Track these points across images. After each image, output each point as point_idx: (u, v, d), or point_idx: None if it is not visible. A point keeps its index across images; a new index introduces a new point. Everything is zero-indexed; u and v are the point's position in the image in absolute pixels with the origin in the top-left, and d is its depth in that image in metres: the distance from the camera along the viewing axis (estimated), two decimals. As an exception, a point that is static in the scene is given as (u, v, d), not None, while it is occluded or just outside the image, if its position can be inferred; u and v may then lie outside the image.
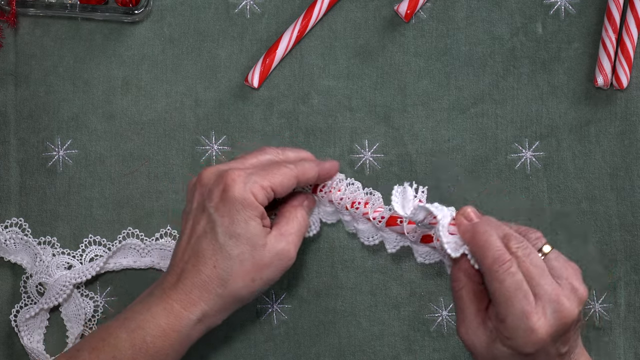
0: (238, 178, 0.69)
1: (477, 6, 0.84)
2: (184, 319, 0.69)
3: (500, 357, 0.65)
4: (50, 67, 0.84)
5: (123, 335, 0.69)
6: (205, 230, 0.69)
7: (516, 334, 0.63)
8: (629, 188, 0.83)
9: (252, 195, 0.69)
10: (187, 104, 0.84)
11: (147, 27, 0.84)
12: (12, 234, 0.81)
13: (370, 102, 0.84)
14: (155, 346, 0.68)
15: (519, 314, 0.63)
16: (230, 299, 0.70)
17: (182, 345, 0.70)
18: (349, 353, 0.83)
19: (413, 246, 0.75)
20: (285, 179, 0.71)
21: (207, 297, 0.69)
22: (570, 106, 0.84)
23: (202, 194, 0.71)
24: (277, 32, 0.84)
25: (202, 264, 0.69)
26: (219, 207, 0.69)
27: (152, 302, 0.69)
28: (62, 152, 0.84)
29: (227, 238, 0.69)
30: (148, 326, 0.68)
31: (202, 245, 0.69)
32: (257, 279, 0.70)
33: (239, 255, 0.69)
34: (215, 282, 0.69)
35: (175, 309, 0.69)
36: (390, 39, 0.84)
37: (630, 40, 0.82)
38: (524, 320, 0.63)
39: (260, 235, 0.70)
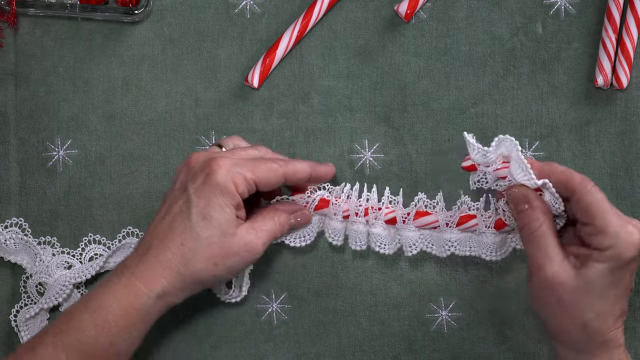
0: (223, 165, 0.71)
1: (477, 6, 0.84)
2: (144, 296, 0.70)
3: (594, 278, 0.67)
4: (50, 67, 0.84)
5: (85, 317, 0.69)
6: (181, 209, 0.71)
7: (618, 240, 0.67)
8: (629, 188, 0.83)
9: (232, 184, 0.71)
10: (187, 104, 0.84)
11: (147, 27, 0.84)
12: (12, 234, 0.81)
13: (370, 102, 0.84)
14: (118, 325, 0.69)
15: (618, 221, 0.67)
16: (190, 279, 0.71)
17: (143, 323, 0.71)
18: (349, 353, 0.83)
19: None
20: (271, 174, 0.73)
21: (169, 275, 0.70)
22: (570, 106, 0.84)
23: (187, 175, 0.73)
24: (277, 32, 0.84)
25: (170, 240, 0.70)
26: (199, 189, 0.71)
27: (113, 281, 0.70)
28: (62, 152, 0.84)
29: (200, 219, 0.70)
30: (109, 305, 0.69)
31: (174, 223, 0.71)
32: (220, 264, 0.71)
33: (208, 238, 0.70)
34: (178, 259, 0.70)
35: (136, 286, 0.70)
36: (390, 39, 0.84)
37: (630, 40, 0.82)
38: (624, 225, 0.67)
39: (232, 223, 0.71)
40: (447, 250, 0.78)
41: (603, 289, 0.68)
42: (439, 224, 0.78)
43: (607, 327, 0.68)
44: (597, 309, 0.68)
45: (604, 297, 0.68)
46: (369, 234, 0.79)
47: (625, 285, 0.69)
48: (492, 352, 0.82)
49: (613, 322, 0.69)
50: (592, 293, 0.68)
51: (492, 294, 0.83)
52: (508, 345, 0.82)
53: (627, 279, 0.68)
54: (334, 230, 0.79)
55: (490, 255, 0.77)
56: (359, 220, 0.78)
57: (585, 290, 0.68)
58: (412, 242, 0.78)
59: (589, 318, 0.68)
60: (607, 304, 0.68)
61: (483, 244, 0.77)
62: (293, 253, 0.83)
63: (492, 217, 0.77)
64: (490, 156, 0.72)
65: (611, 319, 0.68)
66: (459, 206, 0.78)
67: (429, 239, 0.79)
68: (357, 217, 0.78)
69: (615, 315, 0.69)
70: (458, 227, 0.77)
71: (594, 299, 0.68)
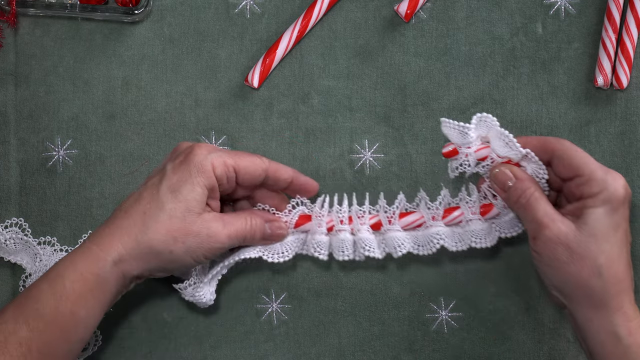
0: (205, 148, 0.72)
1: (477, 6, 0.84)
2: (100, 261, 0.69)
3: (595, 223, 0.70)
4: (50, 67, 0.84)
5: (44, 286, 0.70)
6: (153, 183, 0.72)
7: (607, 183, 0.70)
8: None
9: (210, 164, 0.71)
10: (187, 104, 0.84)
11: (147, 27, 0.84)
12: (12, 234, 0.81)
13: (370, 102, 0.84)
14: (75, 291, 0.69)
15: (602, 168, 0.71)
16: (147, 248, 0.70)
17: (101, 290, 0.70)
18: (349, 353, 0.83)
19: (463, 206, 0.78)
20: (252, 166, 0.73)
21: (127, 240, 0.70)
22: (570, 106, 0.84)
23: (170, 157, 0.73)
24: (277, 32, 0.84)
25: (134, 209, 0.71)
26: (176, 167, 0.72)
27: (74, 251, 0.71)
28: (62, 152, 0.84)
29: (168, 191, 0.71)
30: (67, 272, 0.70)
31: (142, 195, 0.71)
32: (179, 240, 0.70)
33: (171, 210, 0.70)
34: (138, 226, 0.70)
35: (93, 251, 0.70)
36: (390, 39, 0.84)
37: (630, 40, 0.82)
38: (607, 171, 0.71)
39: (199, 202, 0.71)
40: (435, 245, 0.77)
41: (606, 233, 0.70)
42: (425, 220, 0.77)
43: (620, 273, 0.70)
44: (606, 253, 0.70)
45: (610, 242, 0.70)
46: (354, 242, 0.77)
47: (624, 232, 0.71)
48: (492, 352, 0.82)
49: (624, 271, 0.70)
50: (598, 238, 0.70)
51: (492, 293, 0.83)
52: (508, 345, 0.82)
53: (623, 226, 0.71)
54: (319, 243, 0.77)
55: (479, 243, 0.77)
56: (344, 229, 0.77)
57: (591, 236, 0.70)
58: (399, 242, 0.77)
59: (602, 263, 0.70)
60: (614, 249, 0.70)
61: (470, 232, 0.77)
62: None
63: (476, 203, 0.77)
64: (470, 134, 0.73)
65: (621, 265, 0.70)
66: (441, 200, 0.77)
67: (416, 239, 0.78)
68: (342, 225, 0.77)
69: (624, 263, 0.70)
70: (444, 220, 0.77)
71: (601, 244, 0.70)
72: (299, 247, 0.78)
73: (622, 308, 0.70)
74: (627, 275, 0.71)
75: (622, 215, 0.71)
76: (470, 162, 0.75)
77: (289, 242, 0.77)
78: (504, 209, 0.76)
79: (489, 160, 0.75)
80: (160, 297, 0.83)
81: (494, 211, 0.77)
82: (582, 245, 0.70)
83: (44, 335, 0.69)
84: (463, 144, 0.74)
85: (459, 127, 0.73)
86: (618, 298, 0.70)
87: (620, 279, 0.70)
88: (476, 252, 0.82)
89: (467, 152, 0.75)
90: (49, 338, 0.69)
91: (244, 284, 0.83)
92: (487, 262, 0.83)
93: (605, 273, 0.70)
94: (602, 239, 0.70)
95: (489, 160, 0.75)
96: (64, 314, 0.69)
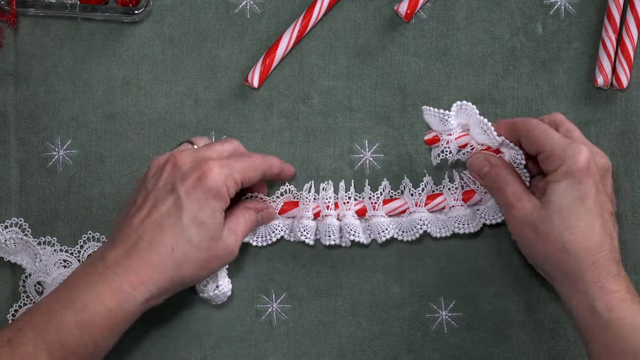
0: (216, 168, 0.71)
1: (477, 6, 0.84)
2: (131, 299, 0.69)
3: (557, 198, 0.70)
4: (50, 67, 0.84)
5: (69, 316, 0.68)
6: (169, 212, 0.70)
7: (566, 155, 0.70)
8: (628, 188, 0.83)
9: (225, 188, 0.71)
10: (187, 104, 0.84)
11: (147, 27, 0.84)
12: (12, 234, 0.81)
13: (370, 102, 0.84)
14: (103, 327, 0.68)
15: (564, 141, 0.71)
16: (178, 283, 0.71)
17: (126, 323, 0.70)
18: (349, 353, 0.83)
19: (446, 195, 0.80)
20: (253, 173, 0.74)
21: (158, 279, 0.69)
22: (570, 106, 0.84)
23: (174, 175, 0.72)
24: (277, 32, 0.84)
25: (159, 243, 0.69)
26: (190, 192, 0.70)
27: (96, 279, 0.69)
28: (62, 152, 0.84)
29: (192, 223, 0.70)
30: (95, 306, 0.68)
31: (164, 225, 0.70)
32: (206, 268, 0.72)
33: (199, 243, 0.70)
34: (170, 264, 0.69)
35: (124, 289, 0.68)
36: (390, 39, 0.84)
37: (630, 40, 0.82)
38: (569, 143, 0.71)
39: (220, 227, 0.72)
40: (419, 230, 0.79)
41: (570, 207, 0.70)
42: (408, 206, 0.80)
43: (593, 246, 0.69)
44: (572, 228, 0.69)
45: (576, 215, 0.70)
46: (340, 228, 0.80)
47: (594, 202, 0.70)
48: (492, 352, 0.82)
49: (598, 243, 0.69)
50: (562, 213, 0.70)
51: (492, 293, 0.83)
52: (508, 345, 0.82)
53: (593, 196, 0.70)
54: (305, 227, 0.79)
55: (462, 228, 0.79)
56: (330, 214, 0.80)
57: (554, 212, 0.70)
58: (383, 228, 0.79)
59: (567, 238, 0.69)
60: (581, 223, 0.69)
61: (454, 217, 0.79)
62: (293, 253, 0.83)
63: (458, 190, 0.80)
64: (450, 121, 0.76)
65: (592, 238, 0.69)
66: (424, 187, 0.80)
67: (400, 225, 0.80)
68: (328, 210, 0.79)
69: (597, 235, 0.70)
70: (427, 207, 0.80)
71: (565, 219, 0.70)
72: (286, 233, 0.81)
73: (599, 282, 0.69)
74: (602, 247, 0.69)
75: (589, 186, 0.70)
76: (451, 149, 0.78)
77: (274, 225, 0.80)
78: (485, 195, 0.79)
79: (469, 147, 0.78)
80: (160, 297, 0.83)
81: (476, 197, 0.79)
82: (546, 222, 0.70)
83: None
84: (444, 131, 0.77)
85: (440, 115, 0.76)
86: (592, 272, 0.69)
87: (592, 252, 0.69)
88: (476, 252, 0.83)
89: (448, 139, 0.78)
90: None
91: (244, 284, 0.83)
92: (487, 262, 0.83)
93: (572, 248, 0.69)
94: (567, 213, 0.70)
95: (469, 147, 0.78)
96: (87, 345, 0.68)
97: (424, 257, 0.83)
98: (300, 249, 0.83)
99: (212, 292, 0.78)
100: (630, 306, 0.69)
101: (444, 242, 0.83)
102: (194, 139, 0.78)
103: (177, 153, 0.73)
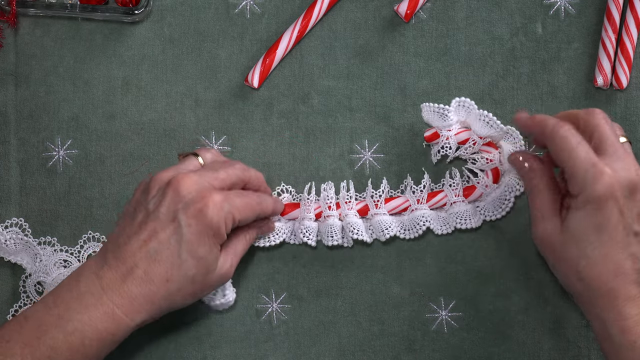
0: (218, 204, 0.71)
1: (477, 6, 0.84)
2: (123, 325, 0.70)
3: (575, 226, 0.68)
4: (51, 67, 0.84)
5: (60, 336, 0.68)
6: (169, 241, 0.70)
7: (586, 182, 0.67)
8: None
9: (224, 226, 0.71)
10: (187, 104, 0.84)
11: (147, 27, 0.84)
12: (12, 234, 0.81)
13: (370, 102, 0.84)
14: (92, 348, 0.69)
15: (587, 162, 0.67)
16: (167, 309, 0.72)
17: (114, 344, 0.71)
18: (349, 353, 0.83)
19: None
20: (250, 214, 0.74)
21: (150, 308, 0.70)
22: (570, 106, 0.84)
23: (177, 203, 0.71)
24: (277, 32, 0.84)
25: (155, 273, 0.70)
26: (192, 224, 0.70)
27: (90, 302, 0.69)
28: (62, 152, 0.84)
29: (189, 257, 0.70)
30: (86, 329, 0.69)
31: (162, 254, 0.70)
32: (197, 296, 0.73)
33: (194, 277, 0.71)
34: (162, 294, 0.70)
35: (116, 315, 0.69)
36: (390, 39, 0.84)
37: (630, 40, 0.82)
38: (593, 165, 0.67)
39: (216, 261, 0.72)
40: (421, 227, 0.80)
41: (587, 235, 0.68)
42: (410, 204, 0.80)
43: (606, 275, 0.68)
44: (587, 258, 0.68)
45: (592, 245, 0.68)
46: (343, 227, 0.80)
47: (615, 227, 0.67)
48: (492, 352, 0.82)
49: (613, 270, 0.68)
50: (579, 242, 0.68)
51: (492, 293, 0.83)
52: (508, 345, 0.82)
53: (613, 222, 0.67)
54: (307, 229, 0.80)
55: (464, 224, 0.80)
56: (332, 214, 0.80)
57: (571, 240, 0.69)
58: (386, 225, 0.79)
59: (582, 267, 0.68)
60: (597, 252, 0.68)
61: (455, 214, 0.80)
62: (293, 253, 0.83)
63: (459, 186, 0.80)
64: (450, 116, 0.77)
65: (609, 266, 0.68)
66: (425, 184, 0.80)
67: (402, 223, 0.80)
68: (330, 211, 0.80)
69: (614, 262, 0.68)
70: (428, 203, 0.80)
71: (582, 247, 0.68)
72: (287, 236, 0.81)
73: (616, 307, 0.68)
74: (620, 272, 0.68)
75: (610, 212, 0.67)
76: (451, 145, 0.78)
77: (276, 228, 0.81)
78: (486, 190, 0.79)
79: (471, 142, 0.78)
80: (160, 297, 0.83)
81: (477, 192, 0.80)
82: (563, 248, 0.69)
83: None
84: (444, 126, 0.78)
85: (439, 109, 0.77)
86: (607, 298, 0.68)
87: (608, 280, 0.68)
88: (476, 252, 0.83)
89: (448, 134, 0.78)
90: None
91: (244, 284, 0.83)
92: (487, 262, 0.83)
93: (587, 277, 0.68)
94: (583, 242, 0.68)
95: (470, 142, 0.78)
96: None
97: (424, 257, 0.83)
98: (301, 249, 0.83)
99: (218, 301, 0.79)
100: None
101: (444, 242, 0.83)
102: (200, 152, 0.77)
103: (180, 176, 0.72)
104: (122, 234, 0.72)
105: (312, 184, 0.82)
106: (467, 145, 0.79)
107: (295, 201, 0.82)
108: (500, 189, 0.80)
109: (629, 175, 0.68)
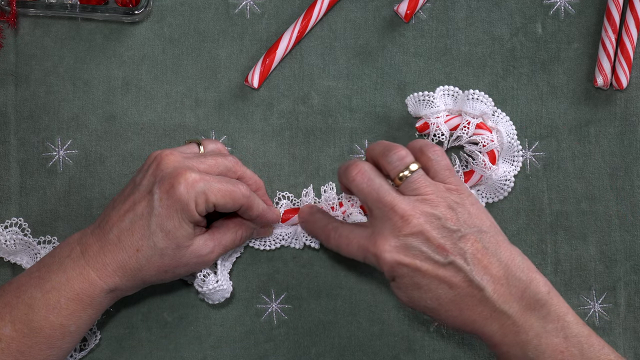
0: (190, 182, 0.71)
1: (477, 6, 0.84)
2: (98, 287, 0.72)
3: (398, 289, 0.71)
4: (51, 67, 0.84)
5: (37, 295, 0.72)
6: (142, 213, 0.72)
7: (379, 260, 0.70)
8: (628, 188, 0.83)
9: (193, 204, 0.71)
10: (187, 104, 0.84)
11: (147, 27, 0.84)
12: (12, 234, 0.81)
13: (370, 102, 0.84)
14: (69, 308, 0.72)
15: (362, 240, 0.72)
16: (140, 281, 0.73)
17: (94, 309, 0.73)
18: (349, 353, 0.83)
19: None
20: (230, 202, 0.73)
21: (122, 275, 0.72)
22: (570, 106, 0.84)
23: (155, 176, 0.73)
24: (277, 32, 0.84)
25: (127, 243, 0.72)
26: (163, 198, 0.72)
27: (68, 265, 0.72)
28: (62, 152, 0.84)
29: (158, 230, 0.72)
30: (63, 288, 0.72)
31: (135, 225, 0.72)
32: (169, 272, 0.74)
33: (163, 250, 0.72)
34: (132, 264, 0.72)
35: (91, 276, 0.72)
36: (390, 39, 0.84)
37: (629, 40, 0.82)
38: (366, 240, 0.71)
39: (187, 237, 0.72)
40: None
41: (410, 290, 0.71)
42: None
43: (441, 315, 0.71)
44: (424, 303, 0.71)
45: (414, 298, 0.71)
46: None
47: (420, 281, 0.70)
48: (492, 352, 0.82)
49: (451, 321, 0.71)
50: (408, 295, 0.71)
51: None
52: (508, 345, 0.82)
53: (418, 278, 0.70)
54: (290, 235, 0.81)
55: None
56: (336, 214, 0.80)
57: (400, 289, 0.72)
58: None
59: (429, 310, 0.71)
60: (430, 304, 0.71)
61: None
62: (293, 253, 0.83)
63: (459, 172, 0.81)
64: (435, 102, 0.79)
65: (443, 309, 0.70)
66: None
67: None
68: (333, 211, 0.80)
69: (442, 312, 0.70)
70: None
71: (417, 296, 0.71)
72: (288, 241, 0.81)
73: (479, 330, 0.70)
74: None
75: (412, 273, 0.70)
76: (443, 132, 0.79)
77: (278, 233, 0.81)
78: (485, 171, 0.79)
79: (464, 123, 0.79)
80: (160, 297, 0.83)
81: (476, 176, 0.80)
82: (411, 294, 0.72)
83: (28, 339, 0.71)
84: (431, 113, 0.80)
85: (423, 96, 0.79)
86: (470, 328, 0.71)
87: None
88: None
89: (437, 122, 0.79)
90: (32, 342, 0.71)
91: (244, 284, 0.83)
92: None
93: (443, 321, 0.72)
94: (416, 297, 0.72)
95: (462, 125, 0.79)
96: (53, 325, 0.71)
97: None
98: (301, 248, 0.83)
99: (211, 286, 0.77)
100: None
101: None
102: (204, 142, 0.78)
103: (165, 153, 0.74)
104: (112, 205, 0.75)
105: (311, 187, 0.82)
106: (461, 128, 0.79)
107: (295, 206, 0.82)
108: (499, 171, 0.80)
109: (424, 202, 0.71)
